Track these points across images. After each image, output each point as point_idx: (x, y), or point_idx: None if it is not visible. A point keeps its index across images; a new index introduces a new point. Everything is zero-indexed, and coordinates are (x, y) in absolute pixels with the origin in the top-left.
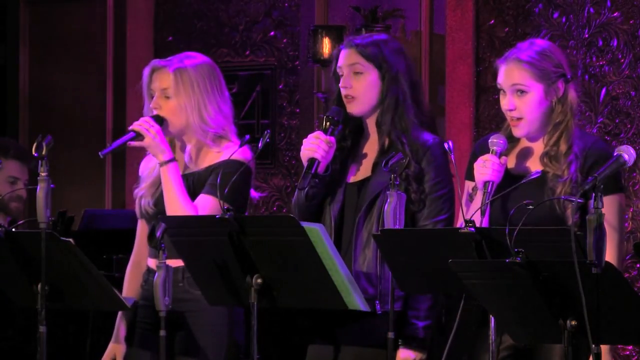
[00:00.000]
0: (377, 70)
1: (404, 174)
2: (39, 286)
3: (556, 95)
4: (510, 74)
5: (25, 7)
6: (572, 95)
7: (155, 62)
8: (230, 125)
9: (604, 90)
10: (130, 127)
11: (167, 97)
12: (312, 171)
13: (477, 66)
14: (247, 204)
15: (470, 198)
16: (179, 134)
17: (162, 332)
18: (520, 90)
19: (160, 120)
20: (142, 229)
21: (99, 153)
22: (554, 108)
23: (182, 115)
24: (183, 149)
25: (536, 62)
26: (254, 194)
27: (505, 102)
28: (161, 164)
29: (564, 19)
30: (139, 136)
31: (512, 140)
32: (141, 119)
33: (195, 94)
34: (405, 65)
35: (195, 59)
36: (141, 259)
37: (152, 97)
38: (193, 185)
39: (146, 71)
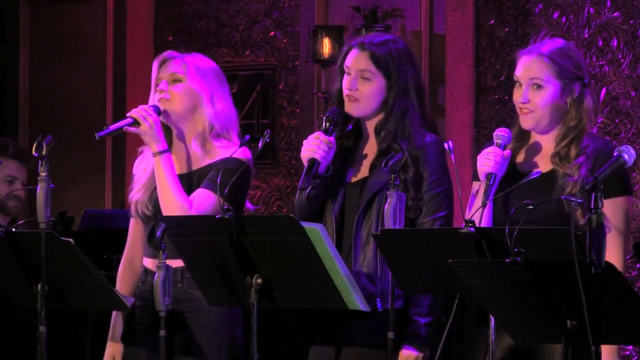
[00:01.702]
0: (386, 80)
1: (402, 177)
2: (39, 286)
3: (571, 96)
4: (530, 67)
5: (25, 7)
6: (588, 100)
7: (166, 52)
8: (235, 125)
9: (604, 90)
10: (129, 114)
11: (177, 81)
12: (313, 171)
13: (477, 66)
14: (244, 203)
15: (477, 193)
16: (182, 120)
17: (162, 332)
18: (537, 85)
19: (159, 111)
20: (134, 227)
21: (96, 134)
22: (568, 109)
23: (189, 99)
24: (181, 147)
25: (557, 58)
26: (248, 205)
27: (519, 94)
28: (154, 154)
29: (564, 19)
30: (135, 123)
31: (522, 137)
32: (140, 106)
33: (207, 83)
34: (414, 72)
35: (208, 60)
36: (134, 257)
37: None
38: (195, 182)
39: (155, 63)
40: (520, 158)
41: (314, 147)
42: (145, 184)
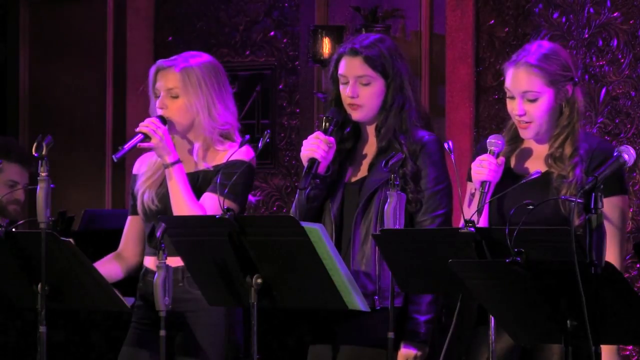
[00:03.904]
0: (384, 79)
1: (401, 172)
2: (39, 286)
3: (565, 97)
4: (520, 80)
5: (25, 7)
6: (579, 98)
7: (160, 62)
8: (236, 122)
9: (604, 90)
10: (138, 129)
11: (174, 97)
12: (313, 171)
13: (477, 66)
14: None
15: (472, 196)
16: (185, 132)
17: (162, 332)
18: (531, 97)
19: (165, 121)
20: (130, 225)
21: (113, 157)
22: (562, 111)
23: (189, 114)
24: (185, 147)
25: (546, 66)
26: (250, 198)
27: (514, 107)
28: (166, 166)
29: (564, 19)
30: (146, 137)
31: (515, 141)
32: (147, 119)
33: (204, 93)
34: (406, 67)
35: (200, 57)
36: (122, 252)
37: (158, 97)
38: (200, 183)
39: (152, 71)
40: (513, 161)
41: (314, 146)
42: (155, 179)
